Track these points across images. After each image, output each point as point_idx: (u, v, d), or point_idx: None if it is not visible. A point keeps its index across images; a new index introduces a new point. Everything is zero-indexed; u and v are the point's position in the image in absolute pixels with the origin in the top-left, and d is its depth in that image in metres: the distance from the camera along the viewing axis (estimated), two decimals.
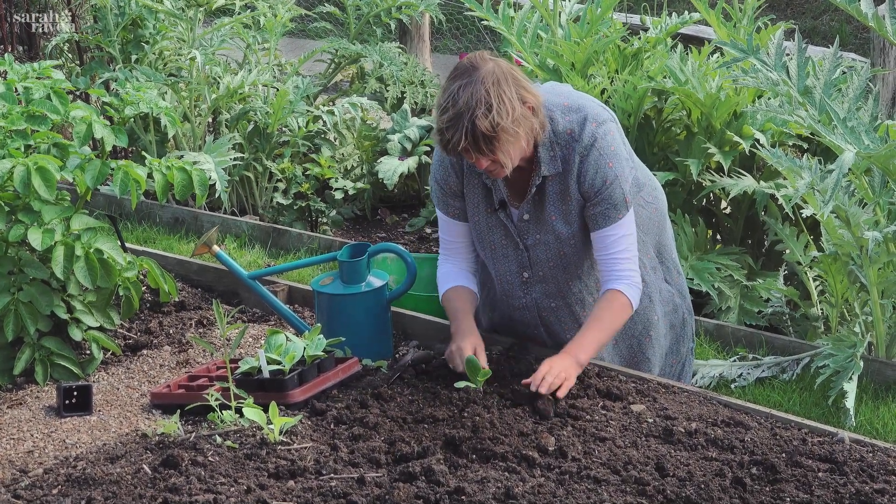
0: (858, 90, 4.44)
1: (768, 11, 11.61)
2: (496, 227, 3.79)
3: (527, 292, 3.85)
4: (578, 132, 3.61)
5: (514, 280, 3.84)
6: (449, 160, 3.75)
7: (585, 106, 3.66)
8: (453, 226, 3.85)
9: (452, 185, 3.79)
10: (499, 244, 3.80)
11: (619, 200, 3.65)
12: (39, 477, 3.21)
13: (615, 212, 3.66)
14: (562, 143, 3.63)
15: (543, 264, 3.78)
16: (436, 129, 3.53)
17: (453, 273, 3.86)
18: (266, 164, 6.55)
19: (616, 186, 3.64)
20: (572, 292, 3.83)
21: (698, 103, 5.27)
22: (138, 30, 6.56)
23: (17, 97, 4.07)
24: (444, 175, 3.79)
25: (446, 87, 3.49)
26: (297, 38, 11.10)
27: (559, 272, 3.79)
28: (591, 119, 3.63)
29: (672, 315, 4.02)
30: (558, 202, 3.69)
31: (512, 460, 3.19)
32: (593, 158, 3.62)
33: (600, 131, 3.62)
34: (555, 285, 3.81)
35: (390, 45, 7.54)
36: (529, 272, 3.81)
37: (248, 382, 3.56)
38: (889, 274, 4.46)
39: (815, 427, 3.50)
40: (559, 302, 3.84)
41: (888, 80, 7.63)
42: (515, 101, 3.45)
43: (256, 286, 4.24)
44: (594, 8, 5.75)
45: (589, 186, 3.64)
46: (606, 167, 3.62)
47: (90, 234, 3.94)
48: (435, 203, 3.88)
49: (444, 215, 3.85)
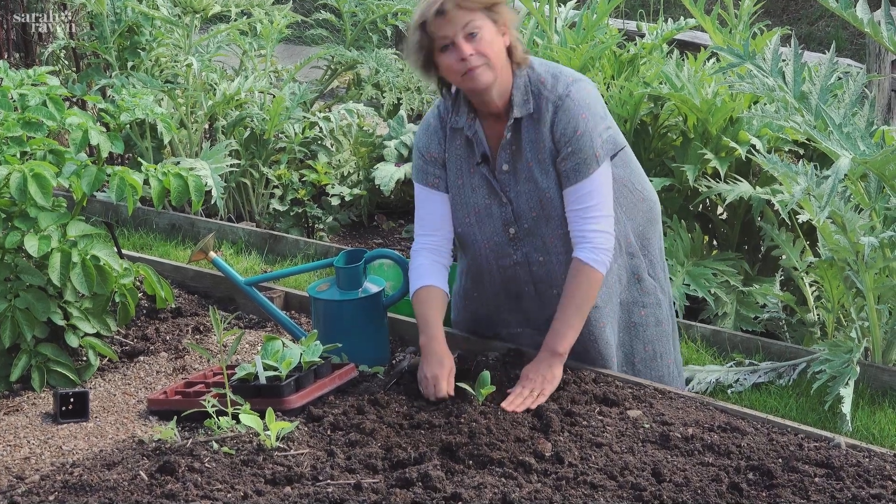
0: (854, 96, 4.44)
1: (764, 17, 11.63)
2: (479, 185, 3.81)
3: (517, 248, 3.84)
4: (553, 83, 3.73)
5: (502, 239, 3.84)
6: (434, 128, 3.83)
7: (564, 68, 3.81)
8: (432, 197, 3.86)
9: (434, 152, 3.83)
10: (482, 204, 3.81)
11: (589, 154, 3.69)
12: (36, 483, 3.21)
13: (585, 167, 3.70)
14: (535, 90, 3.73)
15: (527, 216, 3.79)
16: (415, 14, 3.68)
17: (427, 268, 3.83)
18: (262, 170, 6.56)
19: (587, 138, 3.69)
20: (556, 247, 3.82)
21: (694, 109, 5.28)
22: (135, 36, 6.56)
23: (13, 104, 4.07)
24: (427, 142, 3.84)
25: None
26: (294, 45, 11.12)
27: (542, 224, 3.80)
28: (567, 74, 3.76)
29: (657, 309, 4.01)
30: (534, 150, 3.74)
31: (508, 466, 3.19)
32: (566, 107, 3.70)
33: (576, 86, 3.73)
34: (540, 239, 3.81)
35: (386, 51, 7.55)
36: (515, 227, 3.82)
37: (244, 389, 3.56)
38: (885, 279, 4.47)
39: (812, 432, 3.50)
40: (546, 256, 3.84)
41: (884, 86, 7.65)
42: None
43: (253, 292, 4.24)
44: (590, 14, 5.76)
45: (560, 135, 3.70)
46: (579, 117, 3.70)
47: (87, 240, 3.94)
48: (414, 176, 3.90)
49: (423, 187, 3.87)
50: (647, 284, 3.97)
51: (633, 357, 3.99)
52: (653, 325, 4.00)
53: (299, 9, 10.58)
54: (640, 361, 3.99)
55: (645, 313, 3.98)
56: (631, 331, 3.98)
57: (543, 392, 3.61)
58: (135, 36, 6.56)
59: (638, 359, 3.99)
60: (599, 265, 3.70)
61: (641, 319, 3.97)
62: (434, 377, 3.60)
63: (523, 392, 3.60)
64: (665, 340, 4.03)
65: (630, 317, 3.97)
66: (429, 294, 3.80)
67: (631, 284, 3.95)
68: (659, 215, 4.02)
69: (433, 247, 3.86)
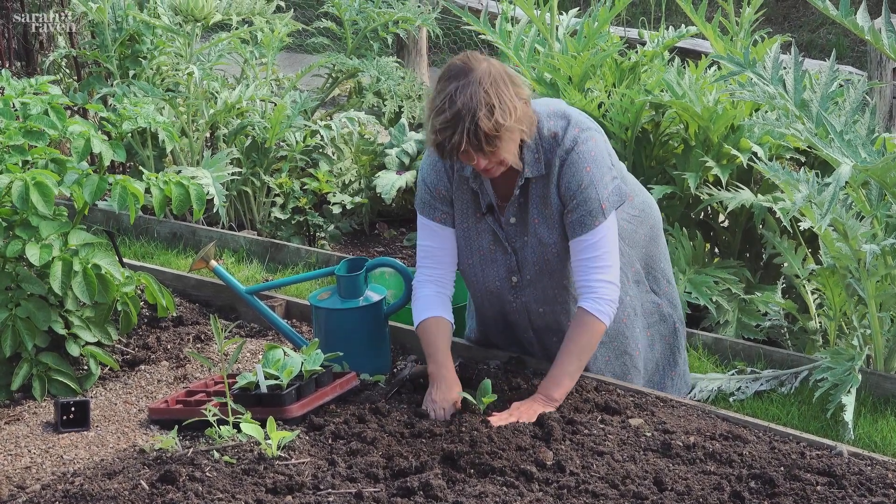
0: (855, 103, 4.44)
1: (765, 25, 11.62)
2: (484, 232, 3.79)
3: (517, 297, 3.84)
4: (562, 136, 3.66)
5: (504, 286, 3.83)
6: (442, 165, 3.76)
7: (571, 114, 3.71)
8: (438, 232, 3.83)
9: (443, 190, 3.79)
10: (487, 249, 3.80)
11: (594, 206, 3.66)
12: (37, 493, 3.21)
13: (591, 218, 3.66)
14: (546, 146, 3.67)
15: (531, 267, 3.78)
16: (430, 131, 3.53)
17: (432, 300, 3.80)
18: (264, 178, 6.56)
19: (591, 190, 3.65)
20: (558, 300, 3.82)
21: (696, 117, 5.27)
22: (136, 45, 6.56)
23: (15, 113, 4.08)
24: (435, 180, 3.79)
25: (441, 89, 3.50)
26: (295, 53, 11.12)
27: (545, 278, 3.79)
28: (574, 125, 3.68)
29: (661, 325, 4.01)
30: (540, 206, 3.71)
31: (510, 475, 3.19)
32: (572, 161, 3.64)
33: (582, 136, 3.66)
34: (542, 291, 3.81)
35: (387, 59, 7.55)
36: (518, 276, 3.81)
37: (245, 397, 3.56)
38: (887, 287, 4.46)
39: (814, 440, 3.49)
40: (546, 308, 3.84)
41: (885, 93, 7.65)
42: (515, 100, 3.50)
43: (254, 301, 4.24)
44: (591, 22, 5.76)
45: (566, 189, 3.66)
46: (584, 171, 3.65)
47: (88, 249, 3.94)
48: (420, 209, 3.84)
49: (429, 221, 3.82)
50: (649, 306, 3.98)
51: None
52: (657, 341, 4.02)
53: (300, 17, 10.59)
54: (646, 374, 4.01)
55: (651, 333, 4.00)
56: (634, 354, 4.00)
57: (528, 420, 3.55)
58: (136, 44, 6.57)
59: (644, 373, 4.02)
60: (603, 316, 3.68)
61: (647, 339, 3.99)
62: (444, 400, 3.60)
63: (510, 418, 3.54)
64: (667, 354, 4.04)
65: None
66: (437, 324, 3.77)
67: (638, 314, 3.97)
68: (660, 225, 4.02)
69: (437, 279, 3.84)
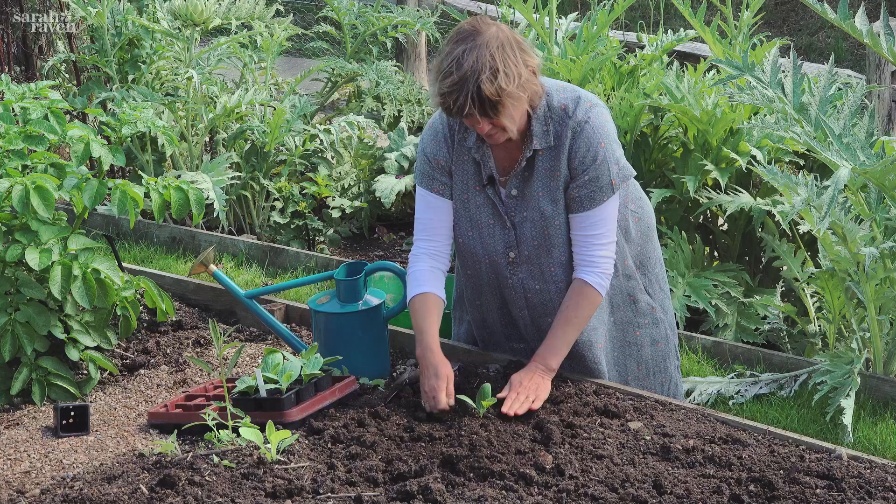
0: (854, 106, 4.45)
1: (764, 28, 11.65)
2: (484, 204, 3.78)
3: (513, 273, 3.83)
4: (573, 108, 3.65)
5: (501, 260, 3.82)
6: (442, 134, 3.76)
7: (580, 90, 3.73)
8: (435, 203, 3.81)
9: (442, 160, 3.78)
10: (486, 223, 3.79)
11: (605, 183, 3.67)
12: (36, 497, 3.21)
13: (600, 194, 3.67)
14: (555, 118, 3.66)
15: (528, 243, 3.77)
16: (436, 93, 3.53)
17: (425, 274, 3.79)
18: (263, 182, 6.56)
19: (604, 167, 3.66)
20: (554, 278, 3.80)
21: (694, 120, 5.28)
22: (135, 50, 6.57)
23: (15, 117, 4.08)
24: (434, 149, 3.78)
25: (449, 51, 3.52)
26: (294, 58, 11.14)
27: (543, 253, 3.78)
28: (585, 99, 3.68)
29: (653, 329, 4.00)
30: (546, 178, 3.70)
31: (509, 478, 3.19)
32: (586, 135, 3.64)
33: (594, 111, 3.67)
34: (538, 267, 3.80)
35: (387, 63, 7.55)
36: (515, 251, 3.79)
37: (245, 402, 3.56)
38: (886, 290, 4.47)
39: (813, 444, 3.49)
40: (542, 285, 3.82)
41: (884, 97, 7.66)
42: (521, 66, 3.51)
43: (253, 305, 4.24)
44: (590, 26, 5.76)
45: (579, 163, 3.66)
46: (598, 146, 3.65)
47: (87, 253, 3.94)
48: (419, 180, 3.83)
49: (427, 192, 3.81)
50: (643, 305, 3.97)
51: (626, 375, 4.00)
52: (648, 344, 4.00)
53: (299, 21, 10.60)
54: (634, 379, 4.01)
55: (640, 333, 3.99)
56: (625, 349, 3.99)
57: (539, 397, 3.61)
58: (135, 49, 6.57)
59: (631, 377, 4.01)
60: (601, 289, 3.71)
61: (636, 339, 3.98)
62: (431, 389, 3.59)
63: (519, 397, 3.58)
64: (659, 359, 4.03)
65: (625, 336, 3.98)
66: (425, 302, 3.76)
67: (626, 305, 3.95)
68: (654, 226, 4.02)
69: (433, 252, 3.83)
